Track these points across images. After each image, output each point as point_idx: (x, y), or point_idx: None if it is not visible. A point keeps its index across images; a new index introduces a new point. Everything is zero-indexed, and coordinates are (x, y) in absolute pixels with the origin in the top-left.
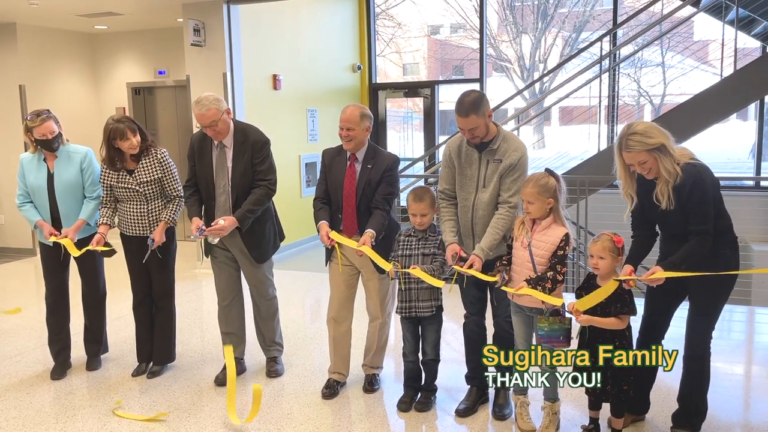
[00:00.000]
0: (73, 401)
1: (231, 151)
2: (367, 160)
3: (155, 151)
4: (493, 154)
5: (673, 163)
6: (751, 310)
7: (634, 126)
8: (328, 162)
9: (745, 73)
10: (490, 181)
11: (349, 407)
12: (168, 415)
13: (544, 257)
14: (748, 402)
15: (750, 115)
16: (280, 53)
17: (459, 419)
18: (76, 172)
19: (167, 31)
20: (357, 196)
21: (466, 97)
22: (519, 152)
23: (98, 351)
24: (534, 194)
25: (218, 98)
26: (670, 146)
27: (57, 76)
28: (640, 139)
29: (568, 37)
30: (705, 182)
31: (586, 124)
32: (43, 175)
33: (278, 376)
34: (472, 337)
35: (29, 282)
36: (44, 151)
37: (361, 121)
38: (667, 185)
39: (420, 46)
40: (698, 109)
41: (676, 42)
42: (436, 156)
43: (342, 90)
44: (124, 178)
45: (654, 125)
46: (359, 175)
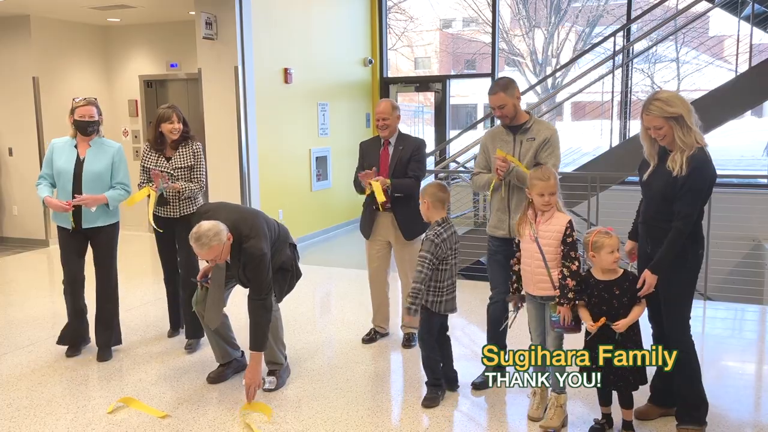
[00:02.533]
0: (85, 391)
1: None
2: (399, 143)
3: (192, 143)
4: (526, 134)
5: (690, 135)
6: (763, 309)
7: (659, 93)
8: (365, 149)
9: (760, 69)
10: (525, 157)
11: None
12: (169, 416)
13: (551, 245)
14: (759, 402)
15: (765, 112)
16: (292, 47)
17: (475, 392)
18: (107, 164)
19: (179, 24)
20: (390, 171)
21: (498, 79)
22: (551, 130)
23: (109, 340)
24: (555, 186)
25: (218, 231)
26: (690, 120)
27: (70, 68)
28: (661, 106)
29: (581, 31)
30: (708, 171)
31: (599, 120)
32: (72, 160)
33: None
34: (497, 318)
35: (41, 272)
36: (78, 136)
37: (393, 111)
38: (681, 154)
39: (432, 40)
40: (713, 106)
41: (691, 37)
42: (447, 151)
43: (353, 84)
44: (161, 162)
45: (678, 96)
46: (392, 155)
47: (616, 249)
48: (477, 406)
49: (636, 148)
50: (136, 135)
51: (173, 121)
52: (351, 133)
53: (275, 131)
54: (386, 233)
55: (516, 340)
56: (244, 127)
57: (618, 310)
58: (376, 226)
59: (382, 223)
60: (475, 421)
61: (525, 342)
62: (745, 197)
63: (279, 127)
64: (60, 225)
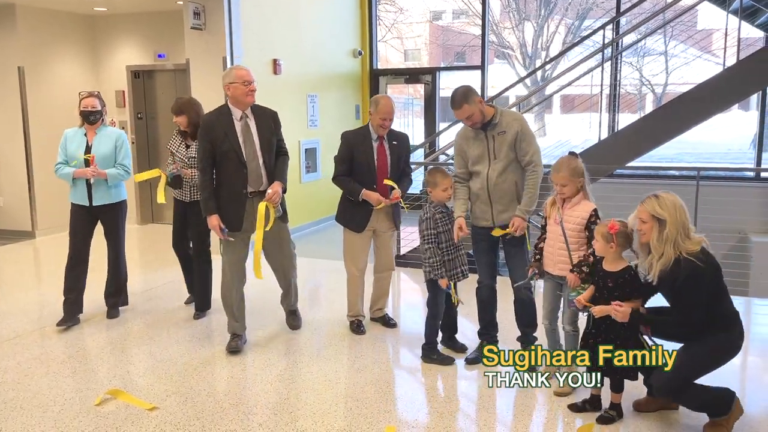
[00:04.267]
0: (72, 384)
1: (253, 120)
2: (391, 139)
3: None
4: (495, 128)
5: (670, 246)
6: (749, 301)
7: (662, 192)
8: (353, 142)
9: (747, 63)
10: (500, 152)
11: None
12: (157, 408)
13: (575, 230)
14: (744, 392)
15: (752, 106)
16: (281, 38)
17: (468, 366)
18: (111, 148)
19: (167, 14)
20: (390, 168)
21: (455, 93)
22: (518, 120)
23: (118, 301)
24: (567, 177)
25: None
26: (676, 231)
27: (56, 58)
28: (652, 203)
29: (570, 24)
30: (702, 278)
31: (588, 113)
32: (82, 145)
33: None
34: (486, 299)
35: (28, 264)
36: (86, 125)
37: (394, 111)
38: (656, 261)
39: (422, 32)
40: (700, 99)
41: (680, 31)
42: (437, 143)
43: (343, 75)
44: (181, 149)
45: (679, 204)
46: (390, 152)
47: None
48: (469, 379)
49: (624, 142)
50: (123, 126)
51: (174, 115)
52: (340, 125)
53: None
54: (375, 224)
55: (507, 330)
56: None
57: (608, 301)
58: (371, 220)
59: (377, 216)
60: (466, 396)
61: (513, 332)
62: (731, 190)
63: None
64: (76, 203)
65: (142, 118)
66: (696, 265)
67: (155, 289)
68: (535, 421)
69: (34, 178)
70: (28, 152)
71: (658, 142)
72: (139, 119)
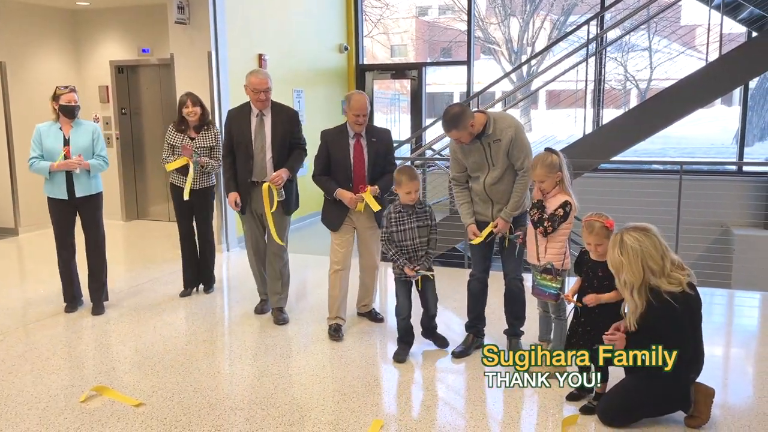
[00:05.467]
0: (57, 381)
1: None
2: (370, 135)
3: (212, 127)
4: (490, 138)
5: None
6: (731, 294)
7: (637, 232)
8: (330, 140)
9: (729, 58)
10: (497, 159)
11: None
12: (144, 405)
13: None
14: (726, 383)
15: (734, 101)
16: (266, 32)
17: (455, 359)
18: (89, 140)
19: (151, 9)
20: (368, 166)
21: (446, 114)
22: (512, 127)
23: (101, 294)
24: (543, 174)
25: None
26: (641, 276)
27: (38, 53)
28: (613, 251)
29: (556, 20)
30: (675, 320)
31: (573, 108)
32: (59, 139)
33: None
34: (476, 293)
35: (12, 261)
36: (63, 118)
37: (368, 106)
38: (630, 313)
39: (408, 28)
40: (683, 94)
41: (663, 26)
42: (423, 138)
43: (329, 71)
44: (186, 141)
45: (648, 255)
46: (367, 149)
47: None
48: (456, 372)
49: (608, 136)
50: (107, 122)
51: (188, 105)
52: (326, 121)
53: None
54: (355, 222)
55: (493, 324)
56: (218, 113)
57: (598, 291)
58: (348, 218)
59: (357, 215)
60: (454, 390)
61: (500, 326)
62: (714, 184)
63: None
64: (54, 197)
65: (126, 113)
66: (670, 305)
67: (140, 286)
68: (523, 413)
69: (16, 175)
70: (10, 148)
71: (642, 137)
72: (123, 115)
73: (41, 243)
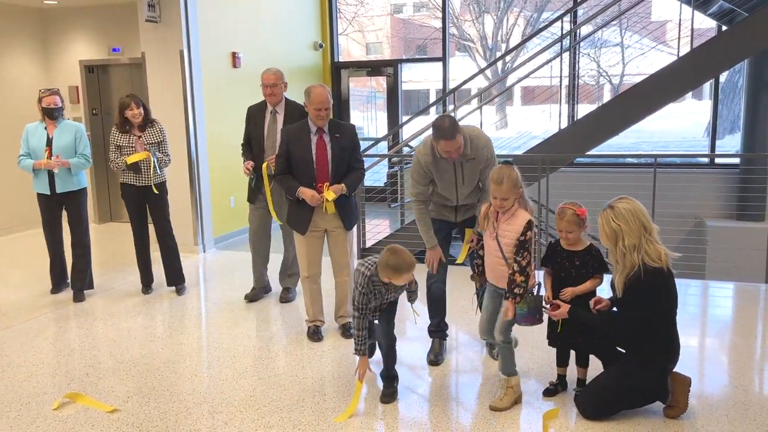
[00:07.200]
0: (29, 388)
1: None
2: (333, 131)
3: (157, 124)
4: (465, 157)
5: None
6: (705, 284)
7: (623, 200)
8: (291, 136)
9: (699, 52)
10: (468, 177)
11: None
12: (118, 411)
13: (510, 245)
14: (702, 373)
15: (705, 95)
16: (240, 30)
17: (432, 368)
18: (71, 140)
19: (121, 7)
20: (332, 163)
21: (443, 123)
22: (488, 148)
23: (83, 285)
24: (509, 190)
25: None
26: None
27: (5, 53)
28: (607, 215)
29: (529, 16)
30: (660, 292)
31: (548, 104)
32: (43, 138)
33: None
34: (438, 296)
35: None
36: (46, 119)
37: (330, 99)
38: (618, 275)
39: (383, 25)
40: (654, 89)
41: (634, 22)
42: (400, 135)
43: (304, 68)
44: (133, 140)
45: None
46: (331, 145)
47: (567, 231)
48: (434, 371)
49: (583, 131)
50: None
51: (132, 107)
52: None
53: (224, 117)
54: (323, 224)
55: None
56: (192, 112)
57: (576, 280)
58: (314, 220)
59: (323, 215)
60: (433, 387)
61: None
62: (687, 176)
63: (228, 113)
64: (40, 192)
65: (97, 114)
66: (659, 279)
67: (114, 290)
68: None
69: None
70: None
71: (616, 131)
72: (95, 115)
73: (18, 245)
